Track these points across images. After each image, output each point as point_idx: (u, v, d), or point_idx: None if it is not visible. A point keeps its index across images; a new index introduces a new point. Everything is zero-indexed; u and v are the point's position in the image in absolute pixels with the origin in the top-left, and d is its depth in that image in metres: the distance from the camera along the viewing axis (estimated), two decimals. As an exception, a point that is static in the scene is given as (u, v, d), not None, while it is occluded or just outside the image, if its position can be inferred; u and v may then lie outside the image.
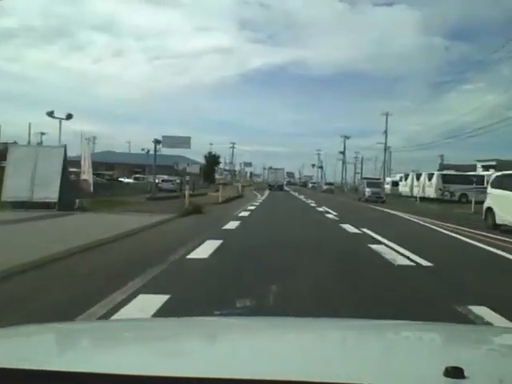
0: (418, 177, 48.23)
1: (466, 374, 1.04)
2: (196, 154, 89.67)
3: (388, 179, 59.98)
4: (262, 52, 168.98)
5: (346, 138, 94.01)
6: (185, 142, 30.39)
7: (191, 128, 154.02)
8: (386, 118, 61.47)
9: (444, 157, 78.59)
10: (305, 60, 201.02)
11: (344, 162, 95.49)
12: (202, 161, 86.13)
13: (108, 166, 69.16)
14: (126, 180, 42.09)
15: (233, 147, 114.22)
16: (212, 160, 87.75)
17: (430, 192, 44.11)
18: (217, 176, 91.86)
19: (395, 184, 56.26)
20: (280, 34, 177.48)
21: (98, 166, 68.44)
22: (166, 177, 44.94)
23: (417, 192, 47.27)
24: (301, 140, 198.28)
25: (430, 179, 44.80)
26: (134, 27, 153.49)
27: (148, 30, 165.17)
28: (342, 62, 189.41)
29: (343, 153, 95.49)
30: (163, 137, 30.35)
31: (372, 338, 1.73)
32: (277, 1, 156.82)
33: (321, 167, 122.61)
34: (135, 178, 43.60)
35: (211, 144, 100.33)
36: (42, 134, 72.25)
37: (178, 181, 42.29)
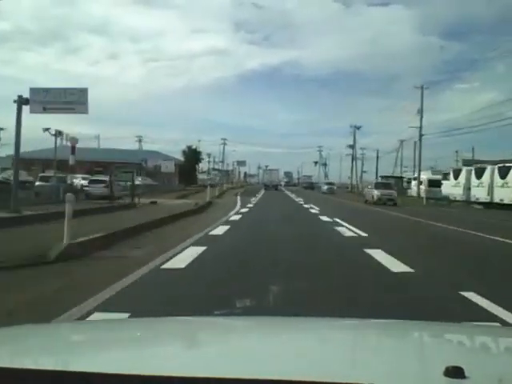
0: (479, 173, 33.06)
1: (466, 373, 1.03)
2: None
3: (423, 177, 44.66)
4: (258, 53, 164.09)
5: (357, 128, 77.02)
6: (74, 99, 14.75)
7: (188, 129, 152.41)
8: (422, 93, 46.09)
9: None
10: (301, 60, 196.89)
11: (354, 158, 78.39)
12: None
13: (59, 163, 53.74)
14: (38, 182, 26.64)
15: (224, 143, 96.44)
16: (192, 156, 71.41)
17: (505, 195, 29.04)
18: (203, 176, 76.18)
19: (435, 183, 40.91)
20: (275, 34, 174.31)
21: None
22: (99, 177, 29.78)
23: (482, 195, 32.27)
24: (298, 140, 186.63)
25: (503, 176, 29.69)
26: (130, 29, 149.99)
27: (143, 32, 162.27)
28: (337, 62, 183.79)
29: (353, 146, 78.56)
30: (31, 90, 14.92)
31: (372, 337, 1.72)
32: (271, 2, 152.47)
33: (324, 164, 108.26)
34: (42, 178, 28.01)
35: (199, 140, 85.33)
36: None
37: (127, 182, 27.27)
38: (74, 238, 7.50)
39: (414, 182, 47.72)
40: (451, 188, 37.23)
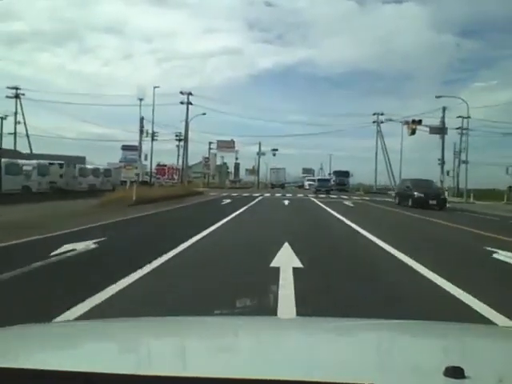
0: None
1: (466, 373, 1.02)
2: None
3: None
4: (272, 52, 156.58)
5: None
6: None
7: (200, 130, 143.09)
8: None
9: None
10: (315, 59, 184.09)
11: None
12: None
13: None
14: None
15: (188, 102, 50.45)
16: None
17: None
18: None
19: None
20: (288, 33, 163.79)
21: None
22: None
23: None
24: (312, 140, 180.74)
25: None
26: (144, 30, 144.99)
27: (157, 32, 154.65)
28: (351, 61, 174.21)
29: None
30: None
31: (372, 337, 1.73)
32: (284, 0, 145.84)
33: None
34: None
35: (157, 86, 46.83)
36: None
37: None
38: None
39: None
40: None
